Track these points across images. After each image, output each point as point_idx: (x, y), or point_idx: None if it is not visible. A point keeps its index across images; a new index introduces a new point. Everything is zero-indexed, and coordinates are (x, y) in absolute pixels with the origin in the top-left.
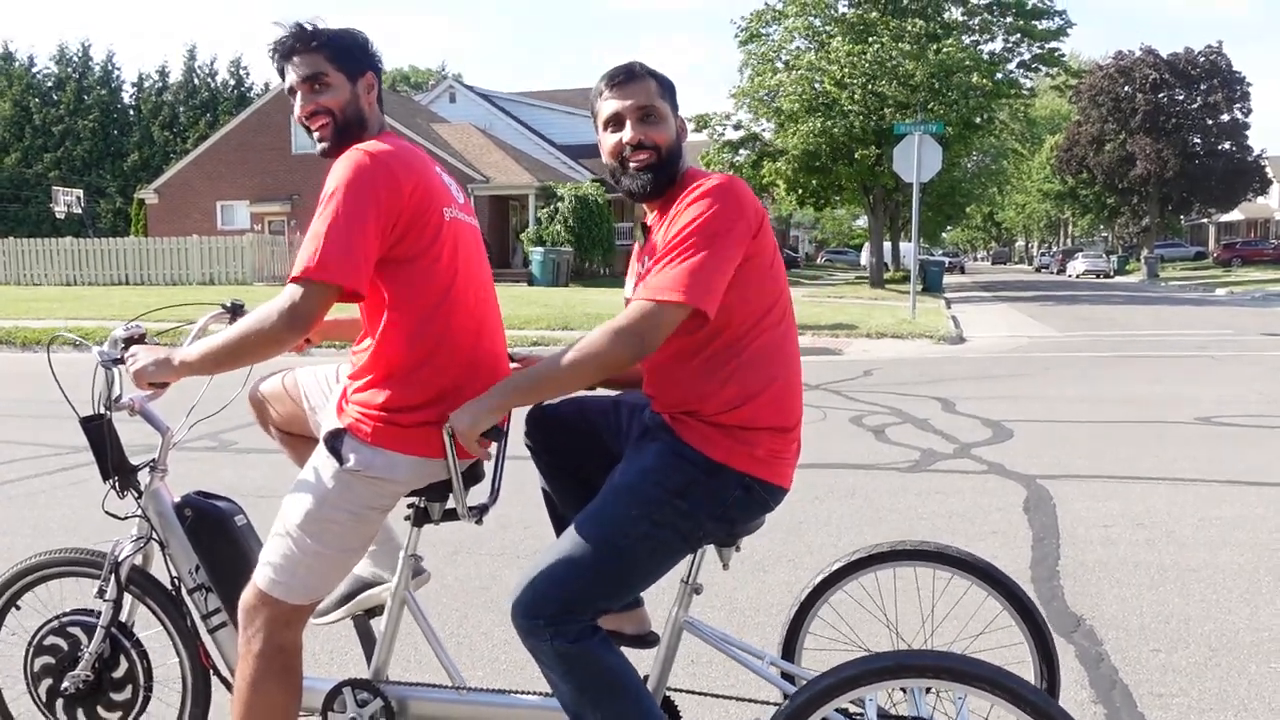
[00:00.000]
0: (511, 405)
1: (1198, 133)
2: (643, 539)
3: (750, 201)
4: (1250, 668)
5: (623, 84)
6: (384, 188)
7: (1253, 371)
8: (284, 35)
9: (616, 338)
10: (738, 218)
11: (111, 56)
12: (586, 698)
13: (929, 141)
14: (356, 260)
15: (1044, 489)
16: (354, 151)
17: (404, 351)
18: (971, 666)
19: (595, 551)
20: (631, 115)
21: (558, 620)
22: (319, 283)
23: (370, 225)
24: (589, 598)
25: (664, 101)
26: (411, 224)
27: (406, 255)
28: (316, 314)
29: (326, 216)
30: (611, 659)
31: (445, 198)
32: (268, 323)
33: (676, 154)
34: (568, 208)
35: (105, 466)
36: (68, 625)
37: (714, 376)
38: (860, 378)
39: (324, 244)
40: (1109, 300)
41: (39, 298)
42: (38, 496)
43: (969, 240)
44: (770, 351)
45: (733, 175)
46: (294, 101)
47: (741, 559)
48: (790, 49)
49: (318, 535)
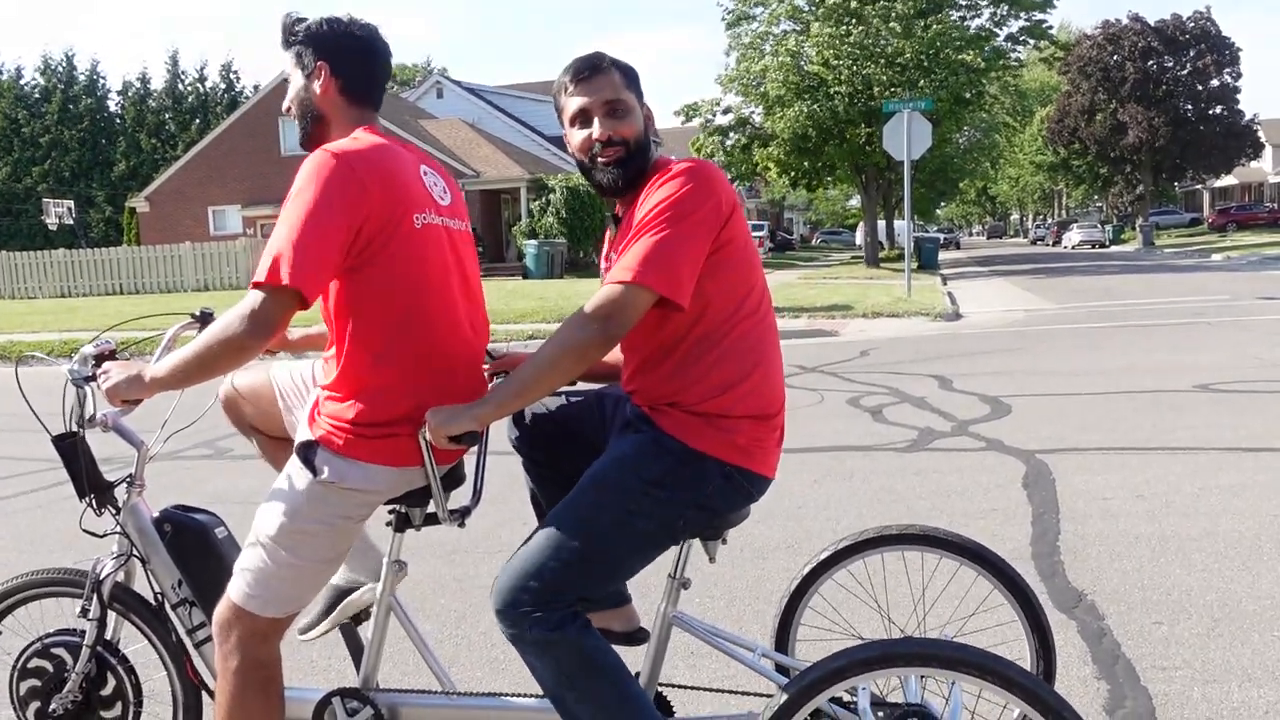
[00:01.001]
0: (498, 417)
1: (1189, 99)
2: (619, 528)
3: (721, 185)
4: (1253, 636)
5: (588, 79)
6: (349, 191)
7: (1249, 336)
8: (286, 28)
9: (587, 324)
10: (706, 198)
11: (96, 65)
12: (568, 685)
13: (918, 119)
14: (317, 266)
15: (1043, 464)
16: (320, 153)
17: (373, 365)
18: (957, 652)
19: (571, 540)
20: (598, 111)
21: (535, 608)
22: (279, 288)
23: (332, 230)
24: (566, 586)
25: (629, 93)
26: (378, 231)
27: (371, 263)
28: (278, 320)
29: (287, 220)
30: (591, 645)
31: (421, 202)
32: (230, 331)
33: (645, 145)
34: (559, 199)
35: (81, 485)
36: (51, 646)
37: (693, 367)
38: (857, 358)
39: (284, 249)
40: (1105, 270)
41: (34, 311)
42: (33, 512)
43: (964, 215)
44: (749, 340)
45: (704, 160)
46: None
47: (740, 546)
48: (776, 33)
49: (292, 547)
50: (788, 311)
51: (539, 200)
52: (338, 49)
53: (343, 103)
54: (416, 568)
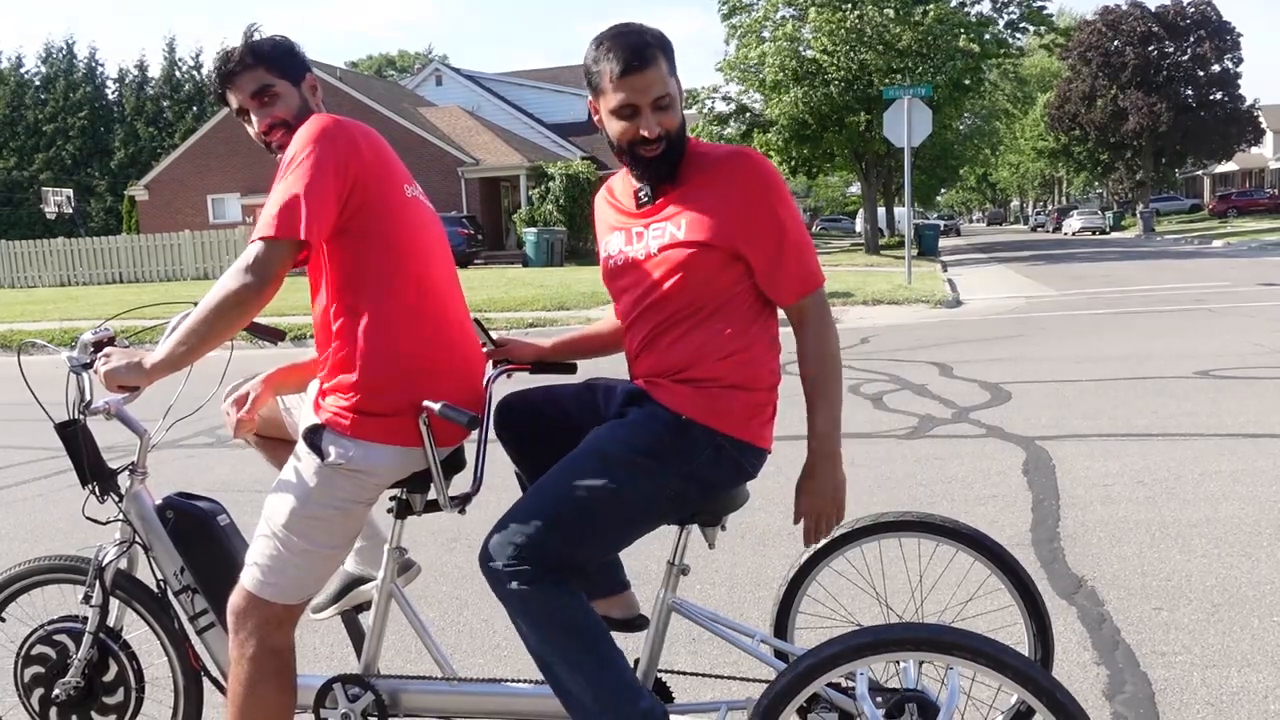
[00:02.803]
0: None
1: (1189, 84)
2: (607, 494)
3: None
4: (1253, 622)
5: (639, 70)
6: (344, 149)
7: (1250, 323)
8: (220, 63)
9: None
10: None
11: (95, 53)
12: (548, 646)
13: (918, 105)
14: (311, 211)
15: (1043, 450)
16: (318, 117)
17: (371, 333)
18: (952, 637)
19: (559, 503)
20: (648, 107)
21: (517, 562)
22: (276, 240)
23: (329, 183)
24: (549, 545)
25: (673, 78)
26: (370, 195)
27: (364, 229)
28: (277, 269)
29: (286, 177)
30: (570, 604)
31: (408, 176)
32: (229, 285)
33: (683, 130)
34: (559, 187)
35: (83, 472)
36: (54, 633)
37: (688, 340)
38: (858, 345)
39: (281, 204)
40: (1105, 257)
41: (34, 299)
42: (36, 499)
43: (964, 202)
44: (740, 312)
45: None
46: (248, 123)
47: (741, 534)
48: (774, 20)
49: (304, 533)
50: None
51: (538, 188)
52: (307, 62)
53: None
54: (418, 555)
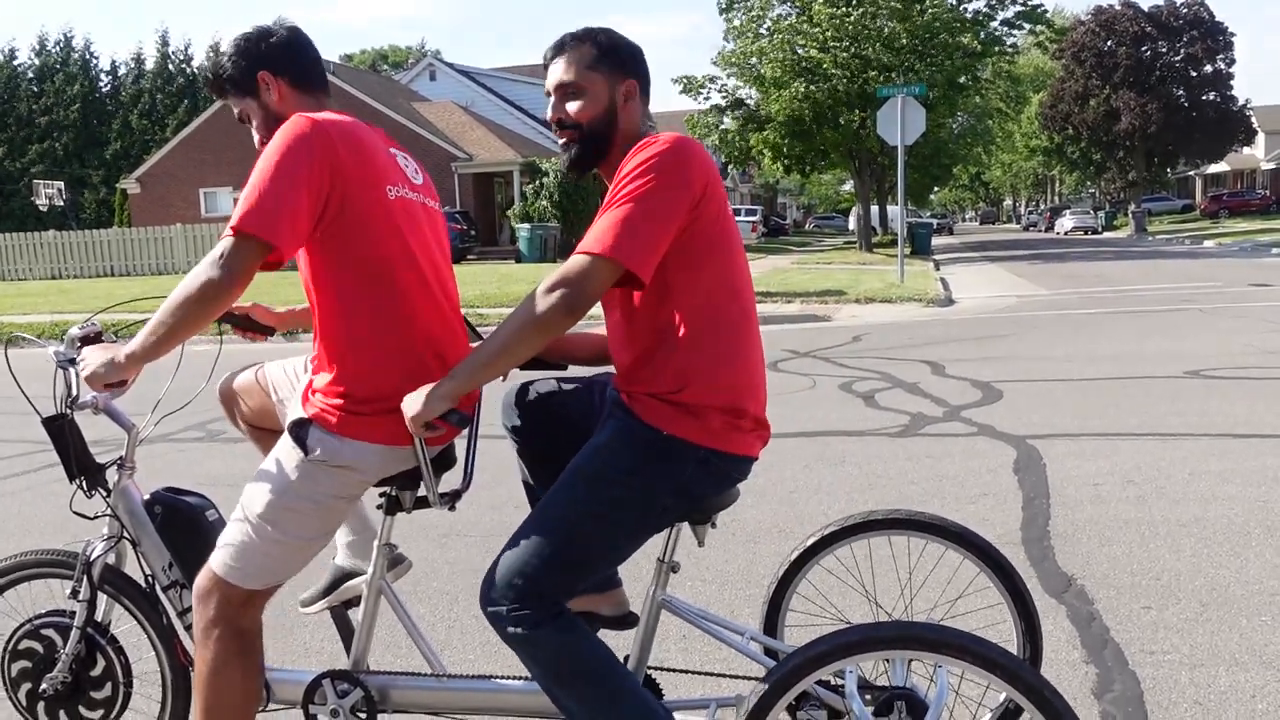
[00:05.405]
0: (465, 389)
1: (1182, 85)
2: (600, 521)
3: (697, 163)
4: (1241, 621)
5: (552, 58)
6: (315, 147)
7: (1241, 323)
8: (207, 71)
9: (548, 296)
10: (674, 171)
11: (89, 45)
12: (555, 680)
13: (912, 104)
14: (285, 216)
15: (1034, 449)
16: (296, 118)
17: (357, 335)
18: (939, 635)
19: (554, 539)
20: (555, 94)
21: (518, 605)
22: (248, 235)
23: (301, 185)
24: (548, 584)
25: (594, 72)
26: (353, 193)
27: (345, 231)
28: (245, 266)
29: (258, 174)
30: (574, 643)
31: (393, 175)
32: (198, 278)
33: (602, 128)
34: (553, 182)
35: (70, 466)
36: (42, 628)
37: (665, 352)
38: (849, 344)
39: (254, 200)
40: (1097, 257)
41: (24, 292)
42: (23, 494)
43: (957, 201)
44: (724, 325)
45: (685, 136)
46: (250, 127)
47: (732, 530)
48: (772, 16)
49: (277, 523)
50: (780, 296)
51: (532, 183)
52: (268, 53)
53: (296, 96)
54: (409, 551)
